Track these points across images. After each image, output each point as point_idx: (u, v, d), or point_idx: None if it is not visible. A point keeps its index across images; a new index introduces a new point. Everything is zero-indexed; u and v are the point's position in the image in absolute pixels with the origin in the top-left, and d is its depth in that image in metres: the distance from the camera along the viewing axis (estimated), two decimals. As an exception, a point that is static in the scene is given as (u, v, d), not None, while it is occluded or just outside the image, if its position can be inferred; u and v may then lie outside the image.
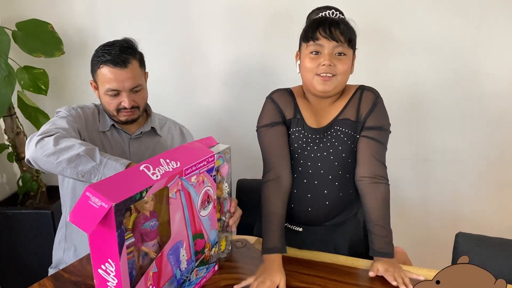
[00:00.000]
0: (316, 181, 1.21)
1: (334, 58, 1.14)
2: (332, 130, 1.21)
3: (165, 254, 0.93)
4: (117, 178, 0.82)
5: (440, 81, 1.80)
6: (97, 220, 0.74)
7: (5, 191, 2.09)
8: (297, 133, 1.23)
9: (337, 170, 1.21)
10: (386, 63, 1.84)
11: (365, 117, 1.20)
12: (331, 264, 1.17)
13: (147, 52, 1.42)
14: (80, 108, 1.42)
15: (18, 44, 1.86)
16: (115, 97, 1.36)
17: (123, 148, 1.44)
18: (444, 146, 1.87)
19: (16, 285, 1.97)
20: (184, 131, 1.60)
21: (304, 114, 1.24)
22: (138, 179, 0.84)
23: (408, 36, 1.79)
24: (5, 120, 1.98)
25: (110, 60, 1.32)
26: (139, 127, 1.48)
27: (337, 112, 1.22)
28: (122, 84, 1.34)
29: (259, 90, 1.93)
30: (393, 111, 1.81)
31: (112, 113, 1.40)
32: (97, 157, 1.14)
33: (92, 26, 2.02)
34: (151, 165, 0.89)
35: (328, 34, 1.13)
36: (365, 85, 1.25)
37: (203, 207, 1.04)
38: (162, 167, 0.90)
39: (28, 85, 1.95)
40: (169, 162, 0.93)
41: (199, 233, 1.04)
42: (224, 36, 1.95)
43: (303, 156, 1.23)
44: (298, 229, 1.28)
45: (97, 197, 0.74)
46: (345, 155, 1.20)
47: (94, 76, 1.39)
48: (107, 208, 0.74)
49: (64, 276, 1.13)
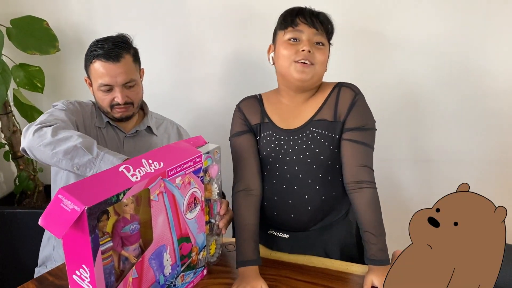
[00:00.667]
0: (296, 186, 1.15)
1: (313, 47, 1.10)
2: (308, 131, 1.14)
3: (146, 258, 0.89)
4: (93, 180, 0.78)
5: (441, 79, 1.75)
6: (68, 224, 0.70)
7: (2, 190, 2.08)
8: (268, 137, 1.18)
9: (316, 173, 1.14)
10: (383, 62, 1.78)
11: (345, 116, 1.12)
12: (323, 269, 1.12)
13: (144, 49, 1.40)
14: (78, 103, 1.41)
15: (12, 41, 1.83)
16: (108, 93, 1.34)
17: (117, 146, 1.42)
18: (445, 147, 1.81)
19: (13, 285, 1.94)
20: (181, 131, 1.57)
21: (273, 117, 1.19)
22: (115, 180, 0.80)
23: (404, 34, 1.73)
24: (1, 118, 1.95)
25: (103, 55, 1.31)
26: (134, 126, 1.45)
27: (312, 112, 1.15)
28: (114, 79, 1.32)
29: (258, 88, 1.90)
30: (392, 110, 1.78)
31: (106, 110, 1.38)
32: (94, 150, 1.12)
33: (88, 23, 1.99)
34: (131, 166, 0.85)
35: (308, 21, 1.10)
36: (344, 82, 1.17)
37: (189, 210, 1.00)
38: (144, 168, 0.87)
39: (23, 83, 1.92)
40: (152, 162, 0.89)
41: (185, 236, 1.00)
42: (223, 33, 1.91)
43: (278, 160, 1.16)
44: (285, 236, 1.22)
45: (69, 199, 0.71)
46: (324, 157, 1.13)
47: (87, 72, 1.38)
48: (79, 212, 0.70)
49: (49, 279, 1.10)
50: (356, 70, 1.78)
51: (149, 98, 1.54)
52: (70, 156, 1.11)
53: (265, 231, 1.24)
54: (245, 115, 1.22)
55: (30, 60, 1.93)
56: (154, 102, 1.64)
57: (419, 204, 1.88)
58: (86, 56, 1.37)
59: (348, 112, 1.12)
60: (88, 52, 1.36)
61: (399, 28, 1.73)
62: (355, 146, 1.10)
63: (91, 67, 1.34)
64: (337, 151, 1.13)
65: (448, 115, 1.78)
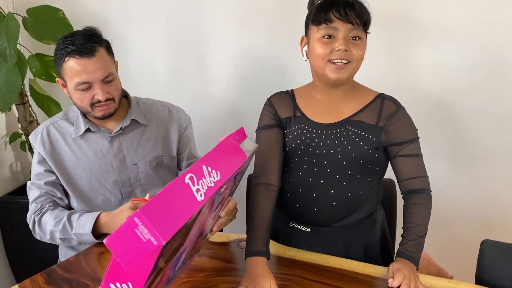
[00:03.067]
0: (322, 180, 1.14)
1: (349, 43, 1.05)
2: (343, 129, 1.13)
3: (171, 264, 0.85)
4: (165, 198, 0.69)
5: (474, 74, 1.66)
6: (140, 256, 0.63)
7: (18, 179, 2.09)
8: (299, 130, 1.17)
9: (345, 169, 1.12)
10: (413, 54, 1.71)
11: (388, 126, 1.12)
12: (338, 269, 1.08)
13: (159, 40, 1.36)
14: (46, 133, 1.37)
15: (28, 31, 1.82)
16: (86, 91, 1.26)
17: (102, 151, 1.36)
18: (472, 145, 1.73)
19: (28, 274, 1.96)
20: (173, 112, 1.49)
21: (306, 111, 1.18)
22: (185, 199, 0.72)
23: (437, 23, 1.65)
24: (18, 108, 1.96)
25: (75, 51, 1.22)
26: (118, 123, 1.38)
27: (351, 112, 1.14)
28: (92, 75, 1.24)
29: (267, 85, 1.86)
30: (419, 107, 1.70)
31: (86, 110, 1.30)
32: (70, 234, 1.25)
33: (104, 13, 1.98)
34: (195, 175, 0.76)
35: (343, 16, 1.03)
36: (385, 94, 1.17)
37: (215, 210, 0.96)
38: (205, 180, 0.78)
39: (39, 73, 1.92)
40: (211, 171, 0.81)
41: (201, 233, 0.97)
42: (235, 27, 1.87)
43: (307, 153, 1.15)
44: (306, 230, 1.20)
45: (146, 227, 0.62)
46: (355, 155, 1.11)
47: (60, 72, 1.29)
48: (155, 246, 0.62)
49: (58, 272, 1.09)
50: (379, 63, 1.71)
51: (164, 92, 1.51)
52: (66, 242, 1.29)
53: (285, 224, 1.23)
54: (276, 109, 1.21)
55: (46, 50, 1.92)
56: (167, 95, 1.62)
57: (445, 205, 1.83)
58: (56, 55, 1.28)
59: (393, 124, 1.12)
60: (58, 50, 1.27)
61: (426, 16, 1.65)
62: (408, 160, 1.13)
63: (64, 66, 1.25)
64: (372, 152, 1.12)
65: (481, 111, 1.70)
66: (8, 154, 2.04)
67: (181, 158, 1.49)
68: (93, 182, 1.36)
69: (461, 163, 1.78)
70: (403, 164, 1.13)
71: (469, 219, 1.81)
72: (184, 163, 1.50)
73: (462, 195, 1.81)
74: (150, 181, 1.41)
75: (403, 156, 1.13)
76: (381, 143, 1.13)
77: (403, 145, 1.13)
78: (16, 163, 2.09)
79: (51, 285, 1.03)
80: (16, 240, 2.00)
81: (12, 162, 2.06)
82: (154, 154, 1.42)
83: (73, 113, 1.40)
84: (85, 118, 1.37)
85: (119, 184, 1.37)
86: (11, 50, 1.70)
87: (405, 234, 1.09)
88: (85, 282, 1.04)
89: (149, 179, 1.41)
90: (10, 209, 1.96)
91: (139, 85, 1.96)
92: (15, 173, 2.07)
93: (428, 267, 1.31)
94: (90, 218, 1.22)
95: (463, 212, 1.82)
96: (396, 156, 1.14)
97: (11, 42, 1.70)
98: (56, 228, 1.25)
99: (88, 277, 1.06)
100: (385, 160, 1.17)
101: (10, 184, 2.04)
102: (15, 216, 1.96)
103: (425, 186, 1.13)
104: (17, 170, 2.09)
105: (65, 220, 1.25)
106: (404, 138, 1.13)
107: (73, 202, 1.37)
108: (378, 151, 1.14)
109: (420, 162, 1.14)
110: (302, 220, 1.20)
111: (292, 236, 1.23)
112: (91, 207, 1.35)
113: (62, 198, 1.36)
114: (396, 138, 1.13)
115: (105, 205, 1.37)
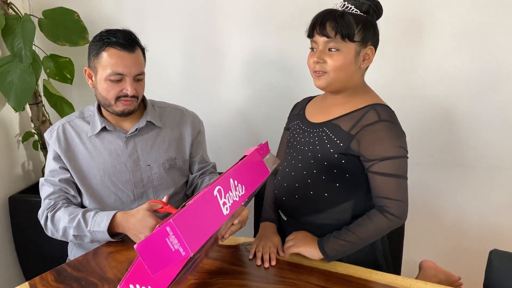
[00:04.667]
0: (293, 173, 1.24)
1: (325, 55, 1.12)
2: (320, 129, 1.20)
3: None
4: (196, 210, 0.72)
5: (482, 80, 1.65)
6: (168, 264, 0.66)
7: (30, 178, 2.11)
8: (296, 126, 1.29)
9: (311, 168, 1.19)
10: (421, 59, 1.71)
11: (361, 136, 1.12)
12: (344, 275, 1.08)
13: (173, 43, 1.37)
14: (62, 131, 1.39)
15: (43, 32, 1.85)
16: (116, 83, 1.29)
17: (116, 151, 1.38)
18: (483, 151, 1.72)
19: (37, 272, 1.97)
20: (187, 115, 1.52)
21: (307, 110, 1.30)
22: (212, 211, 0.75)
23: (447, 28, 1.64)
24: (31, 108, 1.99)
25: (117, 43, 1.26)
26: (133, 124, 1.40)
27: (336, 115, 1.19)
28: (128, 69, 1.27)
29: (278, 86, 1.87)
30: (424, 111, 1.70)
31: (109, 102, 1.32)
32: (85, 231, 1.25)
33: (118, 16, 2.00)
34: (223, 188, 0.79)
35: (321, 30, 1.11)
36: (378, 104, 1.15)
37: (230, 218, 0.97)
38: (231, 194, 0.82)
39: (53, 74, 1.95)
40: (237, 185, 0.85)
41: (215, 239, 0.98)
42: (247, 30, 1.89)
43: (292, 146, 1.27)
44: (284, 218, 1.31)
45: (177, 238, 0.65)
46: (321, 156, 1.17)
47: (93, 61, 1.31)
48: (183, 256, 0.66)
49: (67, 270, 1.11)
50: (382, 68, 1.71)
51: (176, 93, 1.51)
52: (79, 239, 1.28)
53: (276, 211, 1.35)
54: (294, 107, 1.38)
55: (60, 51, 1.96)
56: (178, 96, 1.63)
57: (453, 213, 1.81)
58: (95, 44, 1.30)
59: (364, 132, 1.11)
60: (97, 40, 1.30)
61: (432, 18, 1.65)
62: (378, 178, 1.12)
63: (103, 54, 1.27)
64: (337, 157, 1.14)
65: (488, 118, 1.69)
66: (21, 153, 2.06)
67: (193, 161, 1.51)
68: (106, 181, 1.37)
69: (470, 170, 1.76)
70: (372, 180, 1.13)
71: (477, 227, 1.80)
72: (196, 166, 1.51)
73: (470, 203, 1.79)
74: (162, 182, 1.42)
75: (373, 173, 1.12)
76: (351, 151, 1.13)
77: (373, 161, 1.11)
78: (28, 162, 2.12)
79: (60, 283, 1.04)
80: (26, 238, 2.02)
81: (24, 161, 2.09)
82: (167, 156, 1.43)
83: (89, 112, 1.42)
84: (101, 117, 1.39)
85: (132, 184, 1.39)
86: (26, 51, 1.73)
87: (339, 231, 1.14)
88: (94, 281, 1.05)
89: (162, 180, 1.42)
90: (21, 207, 1.99)
91: (152, 87, 1.97)
92: (27, 172, 2.10)
93: (437, 274, 1.31)
94: (106, 216, 1.23)
95: (471, 220, 1.80)
96: (367, 170, 1.14)
97: (26, 43, 1.73)
98: (70, 224, 1.26)
99: (97, 276, 1.07)
100: (359, 169, 1.16)
101: (22, 182, 2.06)
102: (25, 214, 1.98)
103: (389, 208, 1.10)
104: (29, 169, 2.12)
105: (80, 217, 1.25)
106: (375, 154, 1.11)
107: (85, 201, 1.39)
108: (346, 157, 1.14)
109: (392, 182, 1.10)
110: (280, 207, 1.32)
111: (279, 222, 1.33)
112: (103, 206, 1.36)
113: (75, 196, 1.37)
114: (367, 151, 1.12)
115: (117, 204, 1.38)
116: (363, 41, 1.12)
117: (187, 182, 1.52)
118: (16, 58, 1.75)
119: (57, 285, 1.03)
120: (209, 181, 1.48)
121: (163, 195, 1.42)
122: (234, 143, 2.04)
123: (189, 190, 1.53)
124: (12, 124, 2.00)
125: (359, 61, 1.14)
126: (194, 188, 1.52)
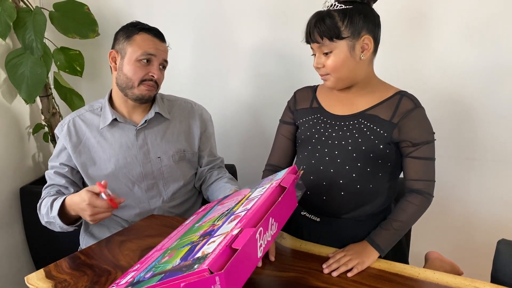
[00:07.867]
0: (332, 170, 1.18)
1: (322, 58, 1.15)
2: (356, 121, 1.18)
3: None
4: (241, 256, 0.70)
5: (494, 75, 1.64)
6: None
7: (40, 170, 2.14)
8: (315, 120, 1.24)
9: (355, 161, 1.16)
10: (424, 50, 1.70)
11: (402, 123, 1.14)
12: (355, 264, 1.08)
13: (181, 37, 1.39)
14: (72, 124, 1.41)
15: (54, 25, 1.87)
16: (144, 66, 1.34)
17: (127, 144, 1.40)
18: (490, 145, 1.72)
19: (49, 262, 1.99)
20: (195, 108, 1.54)
21: (323, 103, 1.26)
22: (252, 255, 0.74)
23: (459, 22, 1.64)
24: (42, 100, 2.01)
25: (152, 30, 1.37)
26: (143, 116, 1.43)
27: (366, 106, 1.19)
28: (160, 52, 1.36)
29: (290, 80, 1.87)
30: (432, 105, 1.68)
31: (133, 84, 1.35)
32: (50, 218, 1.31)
33: (127, 9, 2.01)
34: (263, 229, 0.78)
35: (310, 37, 1.14)
36: (406, 92, 1.19)
37: None
38: (266, 234, 0.80)
39: (64, 66, 1.97)
40: (273, 223, 0.83)
41: None
42: (256, 24, 1.89)
43: (321, 142, 1.21)
44: (316, 219, 1.25)
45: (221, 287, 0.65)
46: (365, 148, 1.15)
47: (123, 43, 1.35)
48: None
49: (81, 258, 1.12)
50: (388, 60, 1.71)
51: (184, 84, 1.53)
52: (52, 226, 1.35)
53: (297, 212, 1.27)
54: (297, 100, 1.32)
55: (70, 43, 1.97)
56: (188, 88, 1.64)
57: (460, 205, 1.81)
58: (128, 29, 1.36)
59: (405, 119, 1.13)
60: (130, 26, 1.37)
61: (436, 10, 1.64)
62: (418, 163, 1.15)
63: (134, 38, 1.34)
64: (382, 147, 1.15)
65: (497, 111, 1.68)
66: (32, 145, 2.09)
67: (202, 155, 1.52)
68: (117, 173, 1.39)
69: (479, 164, 1.76)
70: (412, 164, 1.16)
71: (485, 220, 1.80)
72: (205, 160, 1.53)
73: (479, 195, 1.79)
74: (172, 174, 1.44)
75: (413, 158, 1.15)
76: (393, 140, 1.15)
77: (415, 146, 1.14)
78: (39, 153, 2.14)
79: (75, 270, 1.06)
80: (37, 228, 2.05)
81: (35, 152, 2.11)
82: (177, 148, 1.45)
83: (98, 105, 1.44)
84: (112, 109, 1.40)
85: (143, 176, 1.41)
86: (37, 43, 1.75)
87: (383, 223, 1.15)
88: (107, 269, 1.07)
89: (171, 172, 1.44)
90: (32, 198, 2.00)
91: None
92: (37, 164, 2.13)
93: (442, 265, 1.32)
94: (60, 201, 1.28)
95: (479, 213, 1.81)
96: (407, 155, 1.17)
97: (38, 36, 1.75)
98: (44, 212, 1.33)
99: (110, 263, 1.09)
100: (398, 157, 1.18)
101: (32, 174, 2.09)
102: (36, 205, 2.01)
103: (426, 189, 1.16)
104: (39, 161, 2.15)
105: (49, 204, 1.31)
106: (417, 139, 1.14)
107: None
108: (390, 146, 1.15)
109: (429, 165, 1.16)
110: (312, 209, 1.25)
111: (303, 225, 1.27)
112: None
113: (67, 187, 1.41)
114: (409, 137, 1.14)
115: (128, 197, 1.40)
116: (353, 34, 1.10)
117: (196, 174, 1.54)
118: (27, 50, 1.77)
119: (71, 272, 1.05)
120: (217, 176, 1.50)
121: (172, 187, 1.44)
122: (242, 136, 2.05)
123: (198, 183, 1.54)
124: (23, 116, 2.02)
125: (356, 54, 1.12)
126: (202, 181, 1.54)
